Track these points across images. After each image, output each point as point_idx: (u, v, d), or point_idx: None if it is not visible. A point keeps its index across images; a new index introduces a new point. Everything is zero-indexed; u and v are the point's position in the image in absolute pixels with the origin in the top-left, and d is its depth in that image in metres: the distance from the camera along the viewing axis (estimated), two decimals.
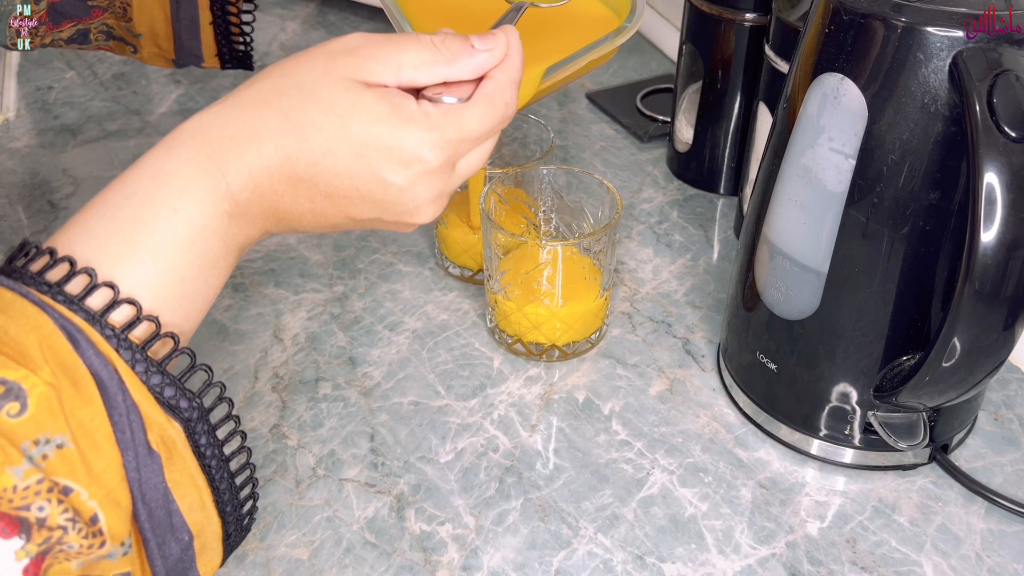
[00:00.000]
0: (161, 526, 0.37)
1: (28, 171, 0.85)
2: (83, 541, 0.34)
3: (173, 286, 0.38)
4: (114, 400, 0.35)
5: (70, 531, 0.33)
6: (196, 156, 0.39)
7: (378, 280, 0.74)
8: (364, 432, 0.61)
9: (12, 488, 0.32)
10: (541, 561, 0.53)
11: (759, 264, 0.57)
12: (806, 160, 0.52)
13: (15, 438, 0.33)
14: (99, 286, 0.36)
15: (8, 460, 0.32)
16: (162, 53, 0.69)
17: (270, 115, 0.41)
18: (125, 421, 0.35)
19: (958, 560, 0.53)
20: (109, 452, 0.35)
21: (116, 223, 0.38)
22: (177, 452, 0.37)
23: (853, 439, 0.58)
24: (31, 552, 0.32)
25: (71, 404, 0.34)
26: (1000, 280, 0.45)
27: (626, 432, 0.61)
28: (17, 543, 0.32)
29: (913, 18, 0.46)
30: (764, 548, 0.54)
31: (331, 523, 0.55)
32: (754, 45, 0.76)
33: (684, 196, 0.84)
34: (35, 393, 0.33)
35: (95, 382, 0.35)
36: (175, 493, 0.37)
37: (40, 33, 0.63)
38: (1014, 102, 0.44)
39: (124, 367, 0.35)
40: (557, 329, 0.65)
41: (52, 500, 0.33)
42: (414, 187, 0.43)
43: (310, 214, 0.42)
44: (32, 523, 0.33)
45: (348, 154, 0.41)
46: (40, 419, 0.33)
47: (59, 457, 0.33)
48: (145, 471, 0.36)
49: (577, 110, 0.95)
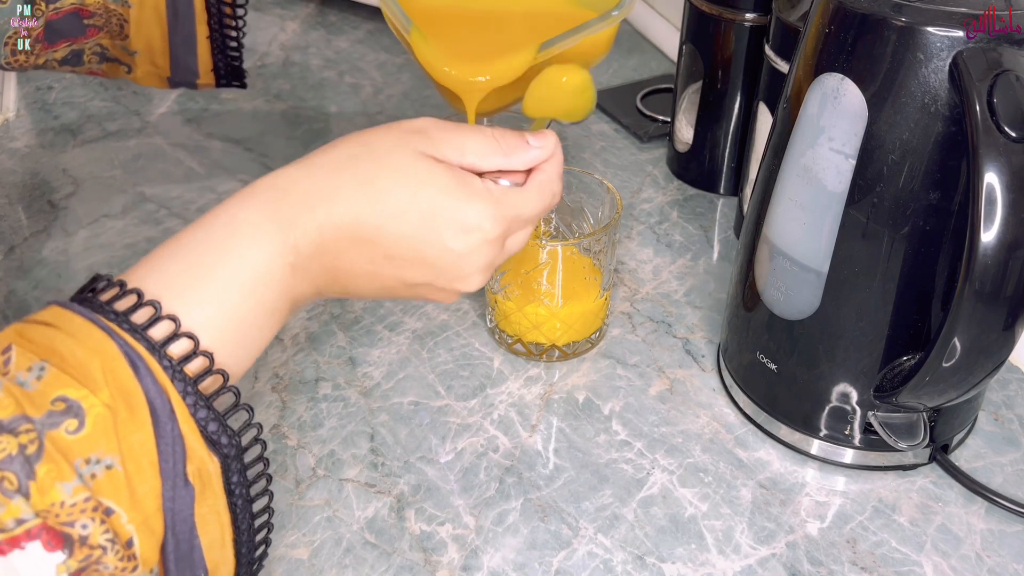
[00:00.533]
0: (183, 560, 0.38)
1: (28, 171, 0.85)
2: (119, 563, 0.35)
3: (231, 328, 0.40)
4: (163, 429, 0.36)
5: (108, 551, 0.35)
6: (269, 209, 0.42)
7: None
8: (364, 432, 0.61)
9: (60, 504, 0.34)
10: (541, 561, 0.53)
11: (759, 264, 0.57)
12: (806, 160, 0.52)
13: (69, 455, 0.34)
14: (162, 318, 0.38)
15: (60, 476, 0.34)
16: (157, 71, 0.69)
17: (344, 177, 0.43)
18: (170, 450, 0.36)
19: (958, 560, 0.53)
20: (152, 479, 0.36)
21: (185, 263, 0.40)
22: (211, 487, 0.38)
23: (853, 439, 0.58)
24: (71, 568, 0.33)
25: (125, 428, 0.35)
26: (1000, 280, 0.45)
27: (626, 432, 0.61)
28: (60, 557, 0.33)
29: (913, 18, 0.46)
30: (764, 548, 0.54)
31: (331, 523, 0.55)
32: (754, 45, 0.76)
33: (684, 196, 0.84)
34: (93, 413, 0.35)
35: (149, 409, 0.36)
36: (200, 528, 0.38)
37: (35, 52, 0.63)
38: (1014, 102, 0.44)
39: (176, 397, 0.37)
40: (557, 329, 0.65)
41: (96, 519, 0.34)
42: (471, 254, 0.46)
43: (366, 275, 0.45)
44: (75, 540, 0.34)
45: (416, 219, 0.44)
46: (95, 439, 0.35)
47: (107, 478, 0.35)
48: (179, 502, 0.37)
49: None
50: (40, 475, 0.33)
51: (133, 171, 0.85)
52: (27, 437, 0.33)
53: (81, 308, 0.37)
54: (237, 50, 0.71)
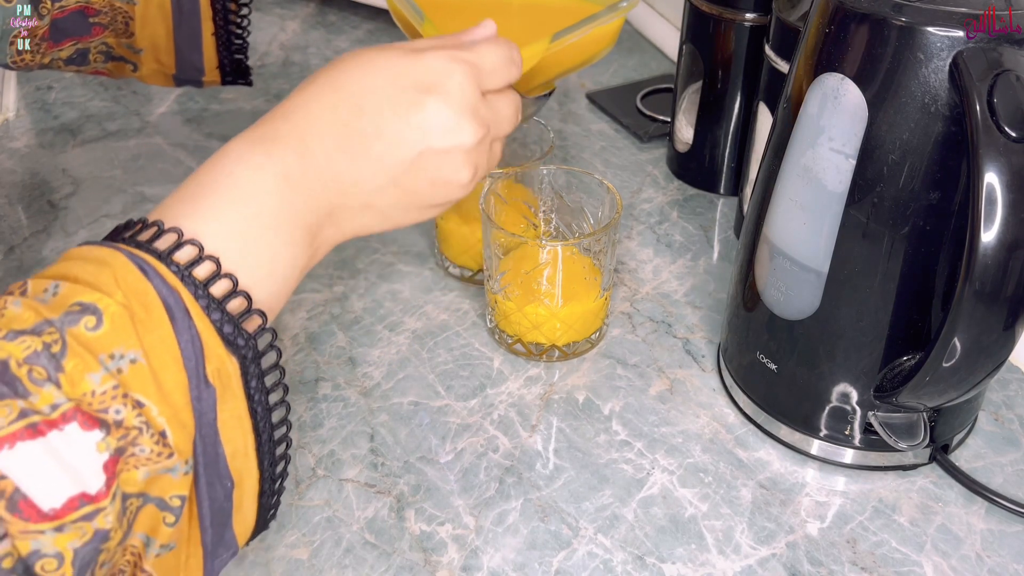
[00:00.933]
0: (210, 467, 0.39)
1: (28, 171, 0.85)
2: (154, 447, 0.36)
3: (232, 238, 0.41)
4: (180, 326, 0.37)
5: (144, 433, 0.36)
6: (250, 135, 0.44)
7: (378, 280, 0.74)
8: (364, 432, 0.61)
9: (91, 393, 0.35)
10: (541, 561, 0.53)
11: (759, 264, 0.57)
12: (806, 160, 0.52)
13: (93, 349, 0.35)
14: (165, 232, 0.39)
15: (87, 368, 0.35)
16: (162, 68, 0.69)
17: (312, 90, 0.45)
18: (190, 348, 0.37)
19: (958, 560, 0.53)
20: (177, 374, 0.37)
21: (180, 193, 0.42)
22: (231, 390, 0.39)
23: (853, 439, 0.58)
24: (111, 445, 0.34)
25: (143, 326, 0.36)
26: (1000, 280, 0.45)
27: (626, 432, 0.61)
28: (98, 435, 0.34)
29: (913, 18, 0.46)
30: (764, 548, 0.54)
31: (331, 523, 0.55)
32: (754, 45, 0.76)
33: (684, 196, 0.84)
34: (109, 312, 0.36)
35: (164, 307, 0.37)
36: (223, 435, 0.39)
37: (41, 51, 0.63)
38: (1014, 102, 0.44)
39: (189, 297, 0.38)
40: (557, 329, 0.65)
41: (127, 405, 0.35)
42: (450, 98, 0.45)
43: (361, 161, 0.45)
44: (110, 423, 0.35)
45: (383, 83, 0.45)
46: (115, 335, 0.36)
47: (132, 372, 0.36)
48: (204, 403, 0.38)
49: (577, 110, 0.95)
50: (68, 368, 0.34)
51: (133, 171, 0.85)
52: (51, 337, 0.35)
53: (90, 242, 0.40)
54: (242, 47, 0.71)
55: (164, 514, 0.37)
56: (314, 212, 0.44)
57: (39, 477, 0.33)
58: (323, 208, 0.44)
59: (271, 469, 0.42)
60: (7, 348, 0.34)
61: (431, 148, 0.46)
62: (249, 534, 0.43)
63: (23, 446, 0.33)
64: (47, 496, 0.33)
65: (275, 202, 0.42)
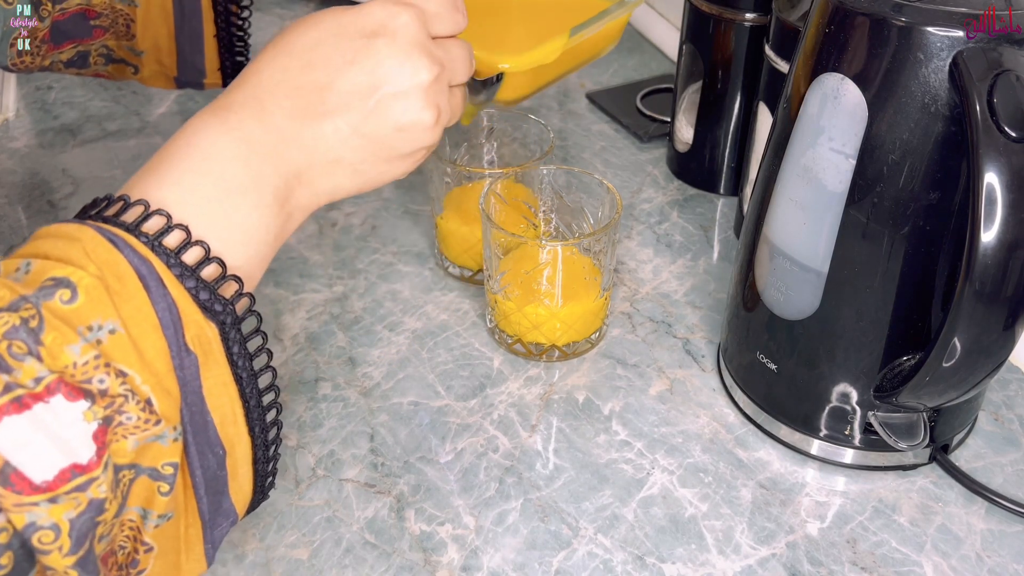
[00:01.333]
0: (200, 433, 0.39)
1: (28, 171, 0.85)
2: (141, 414, 0.36)
3: (200, 206, 0.41)
4: (155, 295, 0.37)
5: (129, 400, 0.36)
6: (210, 108, 0.44)
7: (378, 280, 0.74)
8: (364, 432, 0.61)
9: (73, 364, 0.34)
10: (541, 561, 0.53)
11: (759, 264, 0.57)
12: (806, 160, 0.52)
13: (70, 322, 0.35)
14: (131, 205, 0.39)
15: (66, 340, 0.34)
16: (164, 70, 0.69)
17: (264, 57, 0.45)
18: (167, 316, 0.37)
19: (958, 560, 0.53)
20: (157, 342, 0.37)
21: (145, 169, 0.42)
22: (212, 356, 0.39)
23: (853, 439, 0.58)
24: (98, 414, 0.34)
25: (118, 297, 0.36)
26: (1000, 280, 0.45)
27: (626, 432, 0.61)
28: (84, 405, 0.34)
29: (913, 18, 0.46)
30: (764, 548, 0.54)
31: (331, 523, 0.55)
32: (754, 45, 0.76)
33: (684, 196, 0.84)
34: (83, 284, 0.36)
35: (137, 276, 0.37)
36: (209, 402, 0.39)
37: (41, 53, 0.63)
38: (1014, 102, 0.44)
39: (161, 266, 0.38)
40: (557, 329, 0.65)
41: (111, 374, 0.35)
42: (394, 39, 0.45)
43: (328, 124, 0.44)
44: (95, 392, 0.35)
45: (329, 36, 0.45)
46: (91, 306, 0.36)
47: (112, 342, 0.36)
48: (187, 371, 0.38)
49: (577, 110, 0.95)
50: (47, 342, 0.34)
51: (133, 171, 0.84)
52: (27, 312, 0.34)
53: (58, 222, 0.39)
54: (244, 49, 0.71)
55: (158, 484, 0.37)
56: (281, 175, 0.43)
57: (28, 450, 0.33)
58: (290, 170, 0.44)
59: (263, 435, 0.42)
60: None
61: (387, 92, 0.45)
62: (248, 503, 0.43)
63: (9, 420, 0.32)
64: (38, 468, 0.33)
65: (239, 167, 0.42)
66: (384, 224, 0.80)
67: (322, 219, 0.80)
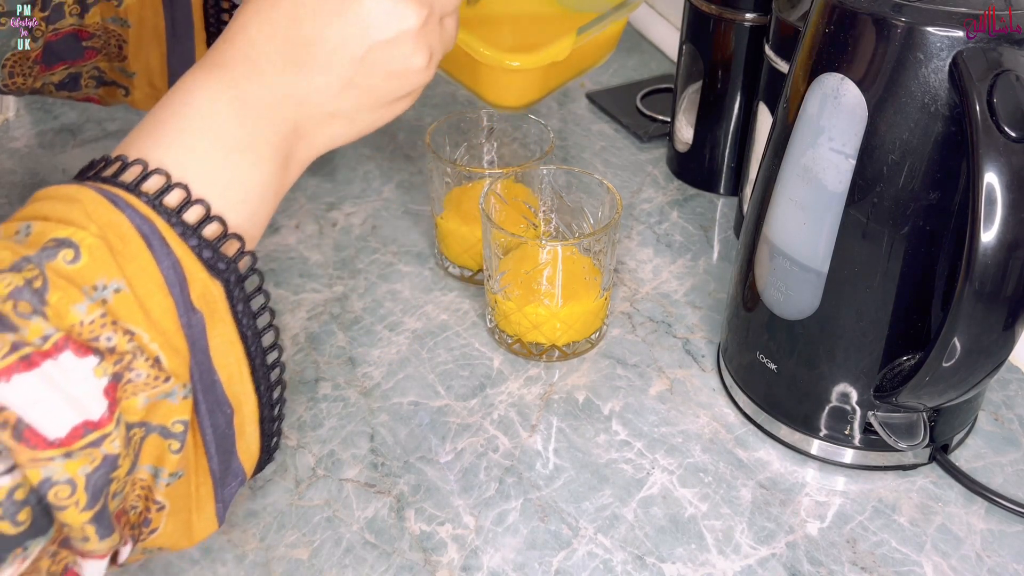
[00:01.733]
0: (208, 391, 0.39)
1: (28, 171, 0.85)
2: (150, 370, 0.36)
3: (198, 165, 0.40)
4: (159, 253, 0.37)
5: (138, 357, 0.35)
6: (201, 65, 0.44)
7: (378, 280, 0.74)
8: (364, 432, 0.61)
9: (79, 323, 0.34)
10: (541, 561, 0.53)
11: (759, 264, 0.57)
12: (806, 160, 0.52)
13: (75, 281, 0.35)
14: (130, 165, 0.39)
15: (71, 299, 0.34)
16: (156, 93, 0.69)
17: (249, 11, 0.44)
18: (172, 275, 0.37)
19: (958, 560, 0.53)
20: (163, 301, 0.37)
21: (140, 129, 0.42)
22: (218, 314, 0.39)
23: (853, 439, 0.58)
24: (107, 370, 0.34)
25: (121, 256, 0.36)
26: (1000, 280, 0.45)
27: (626, 432, 0.61)
28: (93, 361, 0.34)
29: (913, 18, 0.46)
30: (764, 548, 0.54)
31: (331, 523, 0.55)
32: (754, 45, 0.76)
33: (684, 196, 0.84)
34: (86, 244, 0.36)
35: (140, 235, 0.37)
36: (216, 361, 0.39)
37: (33, 74, 0.63)
38: (1014, 102, 0.44)
39: (163, 224, 0.38)
40: (557, 329, 0.65)
41: (118, 332, 0.35)
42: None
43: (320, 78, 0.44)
44: (103, 350, 0.35)
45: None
46: (95, 266, 0.35)
47: (118, 301, 0.36)
48: (194, 329, 0.38)
49: (577, 110, 0.95)
50: (52, 301, 0.34)
51: None
52: (31, 273, 0.34)
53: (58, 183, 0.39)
54: None
55: (169, 442, 0.37)
56: (277, 131, 0.43)
57: (40, 408, 0.33)
58: (286, 125, 0.44)
59: (268, 394, 0.42)
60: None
61: (376, 41, 0.44)
62: (255, 463, 0.43)
63: (19, 378, 0.32)
64: (51, 425, 0.33)
65: (236, 126, 0.42)
66: (384, 224, 0.80)
67: (322, 219, 0.80)
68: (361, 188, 0.84)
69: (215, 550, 0.54)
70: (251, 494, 0.57)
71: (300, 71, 0.43)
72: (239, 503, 0.56)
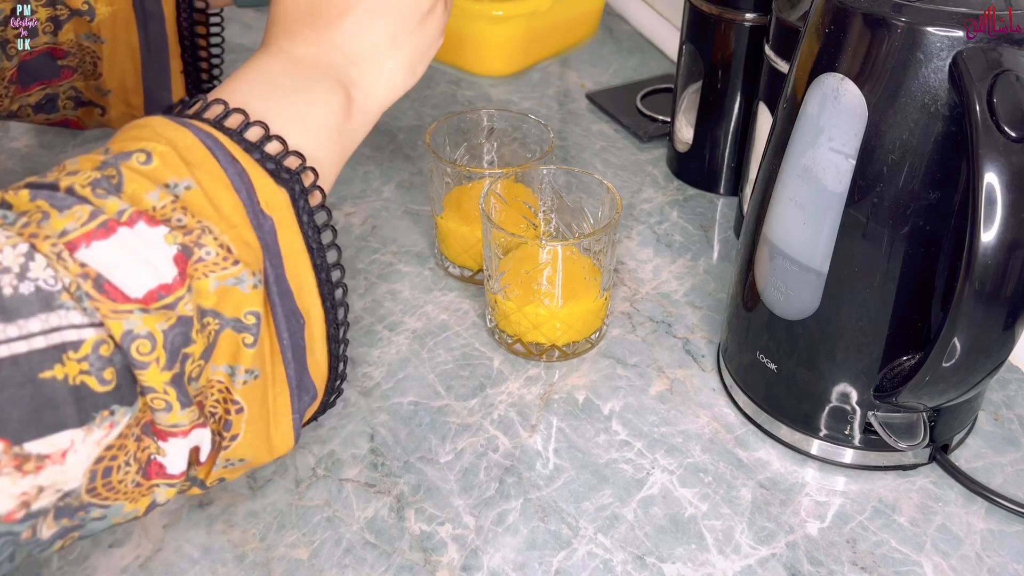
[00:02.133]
0: (284, 296, 0.41)
1: (28, 171, 0.85)
2: (219, 250, 0.37)
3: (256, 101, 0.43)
4: (225, 162, 0.39)
5: (208, 234, 0.37)
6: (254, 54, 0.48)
7: (378, 280, 0.74)
8: (364, 432, 0.61)
9: (152, 208, 0.37)
10: (541, 561, 0.53)
11: (759, 264, 0.57)
12: (806, 160, 0.52)
13: (149, 178, 0.38)
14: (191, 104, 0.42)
15: (145, 189, 0.37)
16: (131, 111, 0.68)
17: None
18: (239, 181, 0.39)
19: (958, 560, 0.53)
20: (231, 199, 0.39)
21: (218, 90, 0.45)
22: (286, 222, 0.41)
23: (853, 439, 0.58)
24: (178, 239, 0.36)
25: (190, 163, 0.39)
26: (1000, 280, 0.45)
27: (626, 432, 0.61)
28: (164, 229, 0.36)
29: (913, 18, 0.46)
30: (764, 548, 0.54)
31: (331, 523, 0.55)
32: (754, 45, 0.76)
33: (684, 196, 0.84)
34: (158, 151, 0.38)
35: (206, 148, 0.39)
36: (287, 269, 0.41)
37: (9, 95, 0.63)
38: (1014, 102, 0.44)
39: (227, 140, 0.40)
40: (557, 329, 0.65)
41: (188, 215, 0.37)
42: None
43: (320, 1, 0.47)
44: (173, 224, 0.37)
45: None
46: (166, 168, 0.38)
47: (188, 196, 0.38)
48: (266, 230, 0.40)
49: (577, 110, 0.95)
50: (128, 191, 0.37)
51: None
52: (108, 171, 0.37)
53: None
54: (212, 84, 0.70)
55: (242, 335, 0.39)
56: (328, 76, 0.46)
57: (118, 268, 0.35)
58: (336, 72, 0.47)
59: (333, 312, 0.43)
60: (70, 179, 0.37)
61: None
62: (325, 382, 0.44)
63: (98, 244, 0.35)
64: (130, 285, 0.35)
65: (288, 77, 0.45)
66: (384, 224, 0.80)
67: None
68: (361, 188, 0.84)
69: (215, 550, 0.54)
70: (251, 494, 0.57)
71: (327, 22, 0.47)
72: (239, 503, 0.56)
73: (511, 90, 0.98)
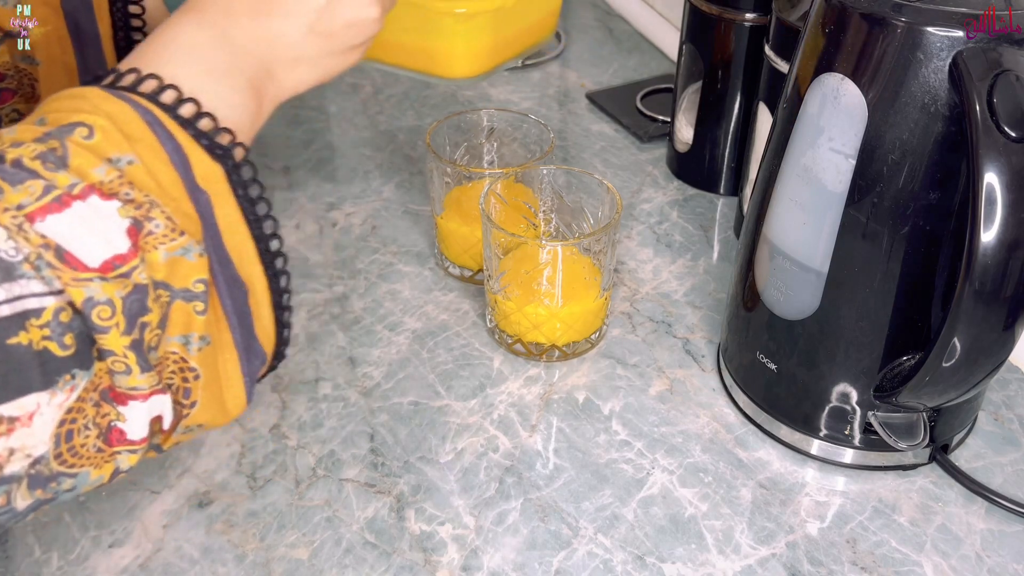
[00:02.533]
0: (224, 266, 0.42)
1: None
2: (166, 222, 0.39)
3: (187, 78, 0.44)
4: (162, 137, 0.40)
5: (155, 207, 0.39)
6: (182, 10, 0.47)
7: (378, 280, 0.74)
8: (364, 432, 0.61)
9: (99, 182, 0.38)
10: (541, 561, 0.53)
11: (759, 264, 0.57)
12: (806, 160, 0.52)
13: (93, 152, 0.38)
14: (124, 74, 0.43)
15: (91, 164, 0.38)
16: None
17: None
18: (176, 156, 0.40)
19: (958, 560, 0.53)
20: (170, 173, 0.40)
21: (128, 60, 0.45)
22: (222, 195, 0.42)
23: (853, 439, 0.58)
24: (130, 213, 0.38)
25: (130, 137, 0.40)
26: (1000, 280, 0.45)
27: (626, 432, 0.61)
28: (116, 203, 0.38)
29: (913, 18, 0.46)
30: (764, 548, 0.54)
31: (331, 523, 0.55)
32: (754, 45, 0.76)
33: (684, 196, 0.84)
34: (98, 125, 0.39)
35: (144, 122, 0.40)
36: (226, 240, 0.42)
37: None
38: (1014, 102, 0.44)
39: (163, 115, 0.41)
40: (557, 329, 0.65)
41: (135, 190, 0.38)
42: None
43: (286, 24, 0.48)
44: (123, 200, 0.38)
45: None
46: (108, 143, 0.39)
47: (131, 171, 0.39)
48: (202, 205, 0.41)
49: (577, 110, 0.95)
50: (73, 165, 0.38)
51: None
52: (53, 143, 0.38)
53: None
54: None
55: (192, 304, 0.40)
56: (251, 65, 0.47)
57: (75, 240, 0.36)
58: (259, 63, 0.47)
59: (276, 280, 0.45)
60: (15, 151, 0.37)
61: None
62: (273, 346, 0.46)
63: (53, 218, 0.36)
64: (87, 255, 0.36)
65: (216, 54, 0.45)
66: (384, 224, 0.80)
67: (322, 219, 0.80)
68: (361, 188, 0.84)
69: (215, 550, 0.54)
70: (251, 494, 0.57)
71: (269, 17, 0.47)
72: (239, 503, 0.56)
73: (511, 90, 0.98)
